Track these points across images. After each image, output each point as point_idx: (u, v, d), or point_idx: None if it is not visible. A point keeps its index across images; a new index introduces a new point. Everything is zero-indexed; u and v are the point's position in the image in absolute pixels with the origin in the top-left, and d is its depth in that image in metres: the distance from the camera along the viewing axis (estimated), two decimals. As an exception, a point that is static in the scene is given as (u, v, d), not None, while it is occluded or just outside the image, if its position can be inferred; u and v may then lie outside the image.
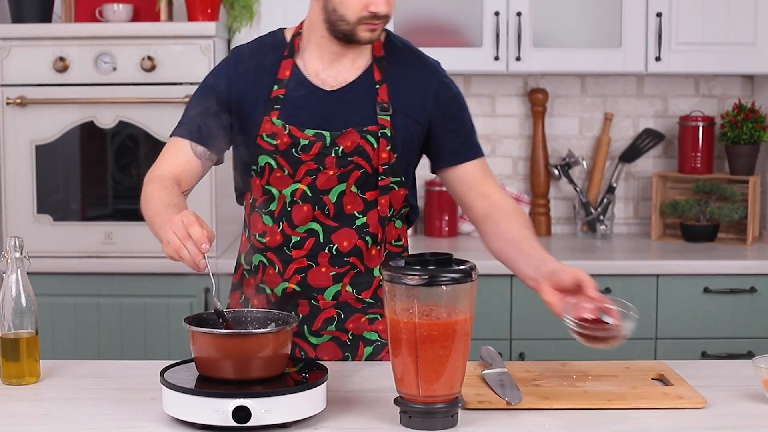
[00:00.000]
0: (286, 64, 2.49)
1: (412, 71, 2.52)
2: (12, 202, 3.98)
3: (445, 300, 1.95)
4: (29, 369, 2.29)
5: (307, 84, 2.47)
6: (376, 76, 2.48)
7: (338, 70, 2.48)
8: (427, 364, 1.96)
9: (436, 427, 1.98)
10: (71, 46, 3.92)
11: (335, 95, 2.47)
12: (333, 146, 2.43)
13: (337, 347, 2.51)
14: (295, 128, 2.44)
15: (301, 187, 2.45)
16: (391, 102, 2.47)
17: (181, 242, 2.11)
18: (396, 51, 2.53)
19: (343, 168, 2.44)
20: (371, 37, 2.41)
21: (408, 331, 1.95)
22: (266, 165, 2.46)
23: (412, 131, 2.49)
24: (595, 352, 3.91)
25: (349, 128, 2.44)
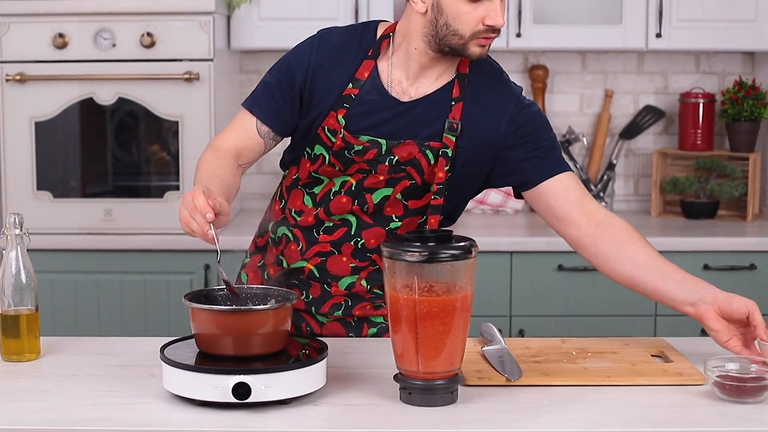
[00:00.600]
0: (367, 65, 2.40)
1: (491, 92, 2.41)
2: (12, 179, 3.97)
3: (444, 276, 1.96)
4: (29, 346, 2.29)
5: (382, 91, 2.39)
6: (454, 93, 2.39)
7: (420, 83, 2.39)
8: (426, 340, 1.96)
9: (436, 404, 1.98)
10: (70, 23, 3.91)
11: (407, 106, 2.38)
12: (388, 155, 2.38)
13: (342, 327, 2.54)
14: (349, 135, 2.38)
15: (350, 181, 2.42)
16: (462, 121, 2.37)
17: (190, 215, 2.11)
18: (480, 70, 2.43)
19: (394, 174, 2.41)
20: (482, 52, 2.31)
21: (408, 308, 1.95)
22: (320, 156, 2.43)
23: (475, 153, 2.40)
24: (595, 330, 3.93)
25: (408, 140, 2.38)
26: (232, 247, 3.84)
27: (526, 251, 3.92)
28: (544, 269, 3.92)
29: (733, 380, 2.00)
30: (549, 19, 4.22)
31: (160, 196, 3.98)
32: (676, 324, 3.93)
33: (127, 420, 1.92)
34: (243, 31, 4.18)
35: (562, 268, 3.91)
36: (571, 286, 3.93)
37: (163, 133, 4.01)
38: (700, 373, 2.15)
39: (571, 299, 3.93)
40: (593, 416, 1.95)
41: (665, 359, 2.28)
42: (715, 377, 2.02)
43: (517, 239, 3.95)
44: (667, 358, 2.28)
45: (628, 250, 2.37)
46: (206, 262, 3.90)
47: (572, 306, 3.93)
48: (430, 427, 1.89)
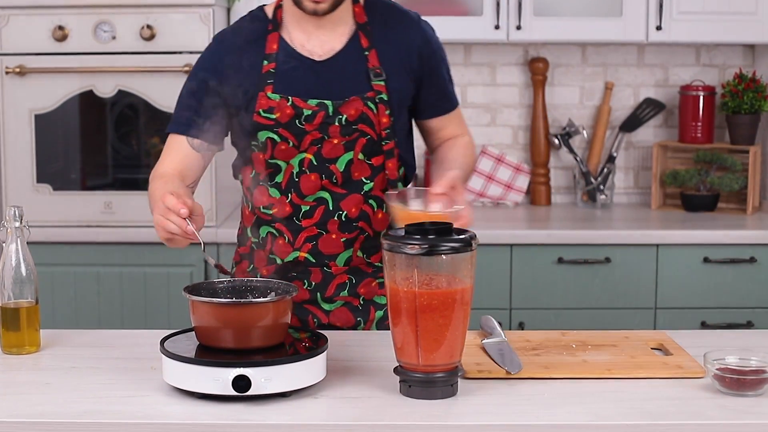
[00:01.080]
0: (272, 38, 2.49)
1: (395, 29, 2.52)
2: (11, 171, 3.97)
3: (445, 269, 1.96)
4: (29, 338, 2.29)
5: (296, 55, 2.47)
6: (363, 43, 2.48)
7: (322, 40, 2.48)
8: (426, 333, 1.96)
9: (436, 396, 1.98)
10: (70, 15, 3.91)
11: (326, 65, 2.47)
12: (336, 115, 2.43)
13: (349, 312, 2.54)
14: (298, 99, 2.43)
15: (307, 157, 2.46)
16: (383, 66, 2.47)
17: (164, 217, 2.18)
18: (377, 13, 2.52)
19: (348, 136, 2.45)
20: (315, 7, 2.40)
21: (408, 301, 1.95)
22: (267, 140, 2.46)
23: (404, 91, 2.51)
24: (595, 322, 3.93)
25: (352, 96, 2.44)
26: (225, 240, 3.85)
27: (526, 244, 3.92)
28: (544, 262, 3.93)
29: (732, 373, 2.01)
30: (549, 12, 4.21)
31: (160, 189, 3.98)
32: (676, 317, 3.93)
33: (127, 412, 1.92)
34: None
35: (562, 261, 3.92)
36: (571, 279, 3.93)
37: (163, 126, 4.00)
38: (699, 366, 2.15)
39: (571, 292, 3.93)
40: (593, 409, 1.95)
41: (665, 352, 2.28)
42: (715, 370, 2.02)
43: (517, 232, 3.95)
44: (667, 351, 2.28)
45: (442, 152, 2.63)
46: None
47: (572, 299, 3.94)
48: (429, 420, 1.89)
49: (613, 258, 3.92)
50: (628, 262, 3.92)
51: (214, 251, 3.89)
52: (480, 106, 4.59)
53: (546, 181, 4.54)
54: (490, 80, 4.57)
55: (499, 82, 4.58)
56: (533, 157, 4.54)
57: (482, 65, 4.56)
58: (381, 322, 2.55)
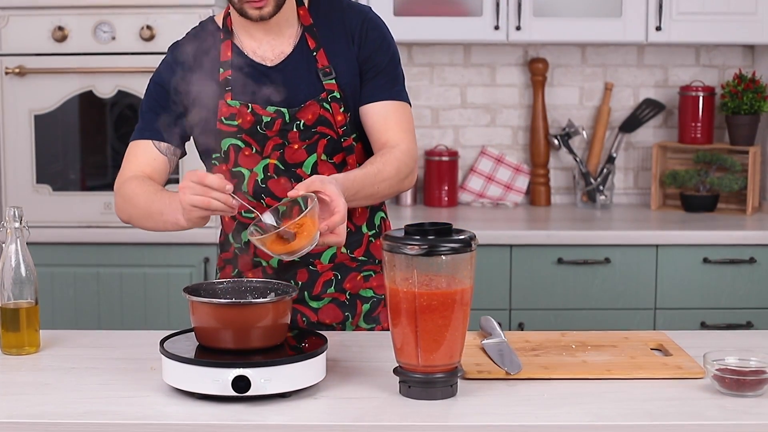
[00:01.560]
0: (225, 47, 2.49)
1: (337, 24, 2.50)
2: (11, 172, 3.97)
3: (444, 270, 1.95)
4: (29, 339, 2.29)
5: (250, 62, 2.47)
6: (310, 44, 2.48)
7: (272, 45, 2.48)
8: (426, 333, 1.96)
9: (436, 397, 1.98)
10: (70, 16, 3.91)
11: (278, 70, 2.47)
12: (294, 121, 2.44)
13: (337, 308, 2.54)
14: (257, 106, 2.44)
15: (272, 162, 2.46)
16: (331, 64, 2.47)
17: (207, 197, 2.14)
18: (322, 13, 2.51)
19: (309, 140, 2.46)
20: (260, 14, 2.38)
21: (407, 301, 1.95)
22: (230, 147, 2.47)
23: (355, 84, 2.49)
24: (595, 323, 3.93)
25: (308, 101, 2.44)
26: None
27: (526, 244, 3.92)
28: (543, 262, 3.93)
29: (732, 374, 2.01)
30: (549, 12, 4.21)
31: (160, 190, 3.97)
32: (676, 317, 3.94)
33: (126, 413, 1.92)
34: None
35: (561, 262, 3.92)
36: (570, 280, 3.93)
37: (162, 127, 4.01)
38: (699, 366, 2.15)
39: (570, 292, 3.93)
40: (593, 410, 1.95)
41: (665, 353, 2.28)
42: (715, 371, 2.02)
43: (516, 232, 3.95)
44: (667, 351, 2.28)
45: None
46: (206, 255, 3.90)
47: (572, 299, 3.94)
48: (429, 421, 1.89)
49: (613, 258, 3.92)
50: (627, 262, 3.92)
51: (212, 252, 3.90)
52: (480, 106, 4.59)
53: (546, 181, 4.54)
54: (490, 81, 4.57)
55: (499, 82, 4.58)
56: (533, 157, 4.54)
57: (482, 66, 4.57)
58: (368, 315, 2.56)
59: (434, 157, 4.46)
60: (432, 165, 4.46)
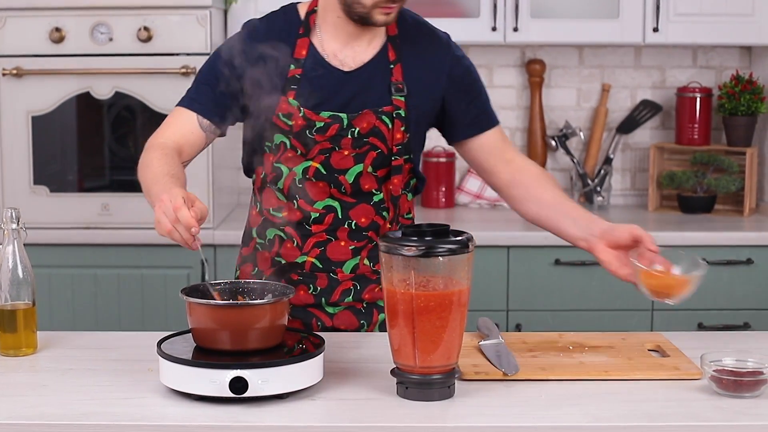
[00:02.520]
0: (302, 43, 2.46)
1: (424, 48, 2.50)
2: (8, 173, 3.97)
3: (442, 271, 1.96)
4: (26, 340, 2.29)
5: (325, 64, 2.45)
6: (390, 56, 2.47)
7: (355, 51, 2.46)
8: (423, 335, 1.96)
9: (433, 398, 1.98)
10: (67, 17, 3.91)
11: (352, 76, 2.45)
12: (350, 128, 2.43)
13: (353, 315, 2.54)
14: (310, 111, 2.42)
15: (313, 165, 2.45)
16: (405, 82, 2.46)
17: (171, 225, 2.11)
18: (408, 28, 2.51)
19: (359, 149, 2.44)
20: (386, 20, 2.38)
21: (405, 302, 1.95)
22: (281, 144, 2.45)
23: (424, 109, 2.49)
24: (592, 324, 3.93)
25: (365, 109, 2.43)
26: (222, 242, 3.85)
27: (523, 245, 3.92)
28: (541, 264, 3.93)
29: (729, 375, 2.01)
30: (546, 13, 4.21)
31: (157, 191, 3.97)
32: (673, 318, 3.94)
33: (124, 414, 1.92)
34: (240, 26, 4.16)
35: (559, 263, 3.92)
36: (568, 281, 3.93)
37: (160, 128, 4.00)
38: (696, 367, 2.15)
39: (568, 294, 3.93)
40: (590, 411, 1.95)
41: (662, 354, 2.28)
42: (712, 372, 2.03)
43: (514, 233, 3.95)
44: (664, 352, 2.28)
45: (535, 192, 2.52)
46: (203, 256, 3.89)
47: (569, 300, 3.94)
48: (426, 422, 1.89)
49: (610, 259, 3.92)
50: (625, 263, 3.92)
51: (211, 253, 3.89)
52: (477, 107, 4.58)
53: (543, 182, 4.54)
54: (487, 82, 4.57)
55: (496, 83, 4.58)
56: (530, 158, 4.53)
57: (479, 67, 4.55)
58: (384, 325, 2.55)
59: (432, 159, 4.46)
60: (429, 166, 4.46)
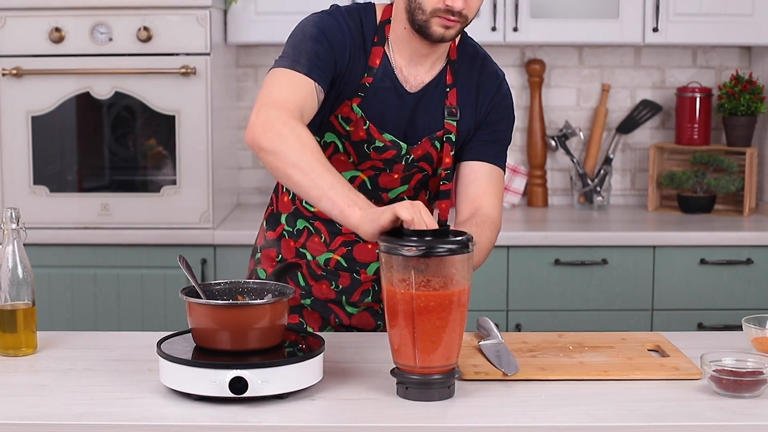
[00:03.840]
0: (377, 51, 2.40)
1: (479, 75, 2.47)
2: (8, 173, 3.97)
3: (442, 271, 1.95)
4: (26, 340, 2.29)
5: (394, 78, 2.40)
6: (448, 79, 2.44)
7: (418, 71, 2.42)
8: (423, 335, 1.96)
9: (433, 398, 1.98)
10: (67, 17, 3.91)
11: (414, 97, 2.42)
12: (406, 155, 2.43)
13: (371, 316, 2.57)
14: (375, 129, 2.39)
15: (361, 177, 2.45)
16: (459, 107, 2.44)
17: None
18: (467, 55, 2.48)
19: (408, 172, 2.45)
20: (443, 33, 2.30)
21: (405, 302, 1.95)
22: (332, 144, 2.43)
23: (466, 135, 2.47)
24: (592, 324, 3.93)
25: (424, 137, 2.42)
26: (232, 242, 3.86)
27: (523, 245, 3.92)
28: (540, 264, 3.93)
29: (729, 375, 2.01)
30: (546, 14, 4.21)
31: (157, 191, 3.97)
32: (673, 318, 3.94)
33: (124, 414, 1.92)
34: (240, 26, 4.17)
35: (558, 263, 3.92)
36: (567, 281, 3.93)
37: (159, 128, 4.01)
38: (696, 367, 2.15)
39: (567, 294, 3.93)
40: (590, 411, 1.95)
41: (662, 354, 2.28)
42: (712, 372, 2.03)
43: (514, 233, 3.95)
44: (664, 352, 2.28)
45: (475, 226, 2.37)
46: (203, 256, 3.90)
47: (569, 300, 3.94)
48: (426, 422, 1.89)
49: (610, 259, 3.92)
50: (624, 263, 3.92)
51: (210, 253, 3.89)
52: (477, 107, 4.58)
53: (543, 182, 4.54)
54: (487, 82, 4.57)
55: (496, 83, 4.58)
56: (530, 158, 4.54)
57: (479, 67, 4.56)
58: None
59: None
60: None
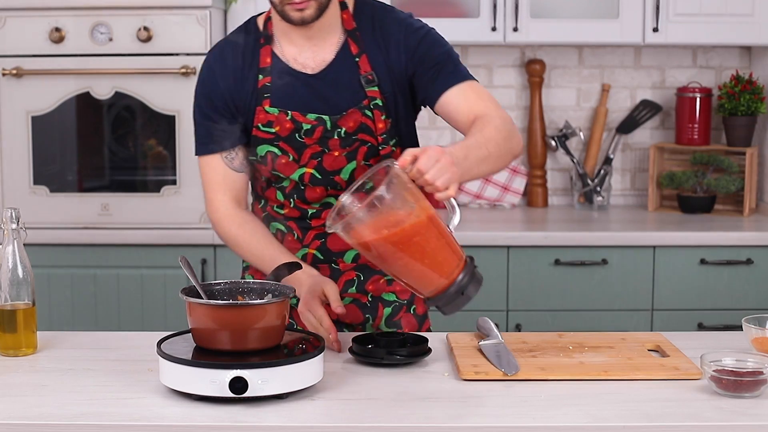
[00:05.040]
0: (265, 52, 2.46)
1: (383, 32, 2.47)
2: (8, 173, 3.97)
3: (383, 212, 1.99)
4: (26, 340, 2.29)
5: (289, 70, 2.45)
6: (353, 50, 2.45)
7: (313, 51, 2.45)
8: (408, 273, 2.05)
9: (478, 289, 2.12)
10: (67, 17, 3.91)
11: (319, 77, 2.44)
12: (335, 128, 2.43)
13: (358, 309, 2.56)
14: (297, 113, 2.43)
15: (308, 171, 2.46)
16: (374, 70, 2.44)
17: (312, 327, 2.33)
18: (366, 17, 2.48)
19: (349, 147, 2.45)
20: (301, 16, 2.35)
21: (372, 253, 2.03)
22: (267, 154, 2.46)
23: (399, 90, 2.47)
24: (592, 324, 3.93)
25: (350, 109, 2.43)
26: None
27: (523, 246, 3.92)
28: (541, 264, 3.93)
29: (729, 375, 2.01)
30: (546, 14, 4.21)
31: (157, 191, 3.98)
32: (673, 318, 3.94)
33: (124, 414, 1.92)
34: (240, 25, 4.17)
35: (559, 263, 3.92)
36: (568, 281, 3.93)
37: (159, 128, 4.01)
38: (696, 367, 2.15)
39: (568, 294, 3.93)
40: (590, 411, 1.95)
41: (662, 354, 2.28)
42: (712, 372, 2.03)
43: (513, 234, 3.95)
44: (664, 352, 2.28)
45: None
46: (203, 256, 3.90)
47: (569, 301, 3.94)
48: (426, 422, 1.89)
49: (610, 260, 3.92)
50: (624, 263, 3.92)
51: (210, 253, 3.90)
52: (477, 107, 4.58)
53: (543, 182, 4.54)
54: (487, 82, 4.57)
55: (496, 83, 4.58)
56: (530, 158, 4.54)
57: (479, 67, 4.56)
58: (389, 320, 2.57)
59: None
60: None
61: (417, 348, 2.23)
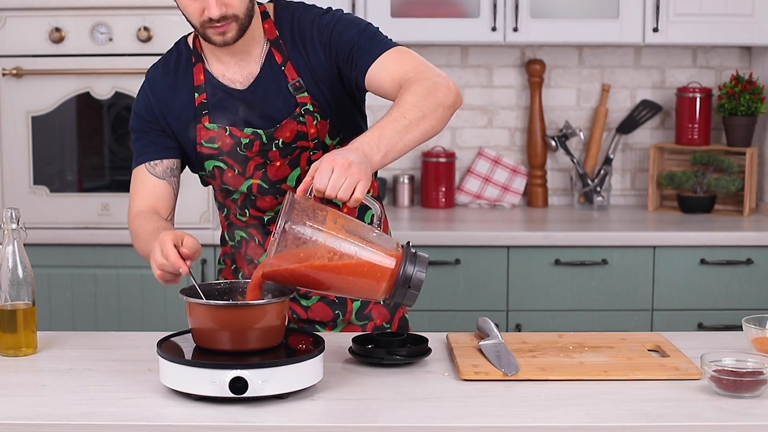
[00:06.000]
0: (198, 70, 2.47)
1: (297, 33, 2.44)
2: (8, 173, 3.97)
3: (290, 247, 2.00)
4: (26, 340, 2.29)
5: (221, 86, 2.45)
6: (277, 59, 2.43)
7: (240, 66, 2.45)
8: (348, 289, 2.05)
9: (424, 273, 2.04)
10: (67, 17, 3.91)
11: (249, 92, 2.44)
12: (272, 141, 2.43)
13: (326, 306, 2.55)
14: (234, 128, 2.43)
15: (255, 182, 2.47)
16: (300, 76, 2.42)
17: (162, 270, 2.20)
18: (286, 23, 2.46)
19: (290, 155, 2.45)
20: (224, 39, 2.34)
21: (303, 282, 2.04)
22: (214, 168, 2.47)
23: (329, 89, 2.43)
24: (592, 324, 3.93)
25: (284, 120, 2.42)
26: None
27: (523, 246, 3.92)
28: (541, 264, 3.93)
29: (729, 375, 2.01)
30: (546, 14, 4.21)
31: (157, 191, 3.97)
32: (673, 318, 3.94)
33: (124, 414, 1.92)
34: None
35: (559, 263, 3.92)
36: (568, 281, 3.93)
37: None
38: (696, 367, 2.15)
39: (568, 294, 3.93)
40: (590, 411, 1.95)
41: (662, 354, 2.28)
42: (712, 372, 2.03)
43: (513, 234, 3.95)
44: (664, 352, 2.28)
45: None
46: (203, 256, 3.90)
47: (569, 300, 3.94)
48: (426, 422, 1.89)
49: (610, 260, 3.92)
50: (624, 263, 3.92)
51: (210, 253, 3.90)
52: (477, 108, 4.59)
53: (543, 182, 4.54)
54: (487, 82, 4.57)
55: (496, 83, 4.58)
56: (530, 159, 4.54)
57: (479, 67, 4.57)
58: (360, 313, 2.56)
59: (431, 159, 4.46)
60: (429, 166, 4.46)
61: (417, 348, 2.23)
